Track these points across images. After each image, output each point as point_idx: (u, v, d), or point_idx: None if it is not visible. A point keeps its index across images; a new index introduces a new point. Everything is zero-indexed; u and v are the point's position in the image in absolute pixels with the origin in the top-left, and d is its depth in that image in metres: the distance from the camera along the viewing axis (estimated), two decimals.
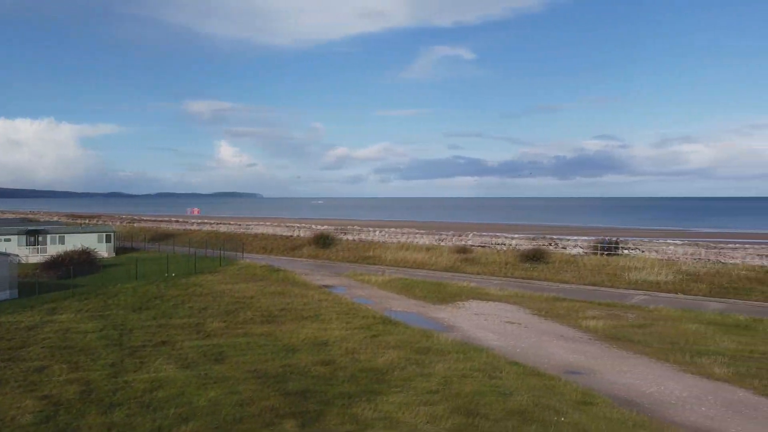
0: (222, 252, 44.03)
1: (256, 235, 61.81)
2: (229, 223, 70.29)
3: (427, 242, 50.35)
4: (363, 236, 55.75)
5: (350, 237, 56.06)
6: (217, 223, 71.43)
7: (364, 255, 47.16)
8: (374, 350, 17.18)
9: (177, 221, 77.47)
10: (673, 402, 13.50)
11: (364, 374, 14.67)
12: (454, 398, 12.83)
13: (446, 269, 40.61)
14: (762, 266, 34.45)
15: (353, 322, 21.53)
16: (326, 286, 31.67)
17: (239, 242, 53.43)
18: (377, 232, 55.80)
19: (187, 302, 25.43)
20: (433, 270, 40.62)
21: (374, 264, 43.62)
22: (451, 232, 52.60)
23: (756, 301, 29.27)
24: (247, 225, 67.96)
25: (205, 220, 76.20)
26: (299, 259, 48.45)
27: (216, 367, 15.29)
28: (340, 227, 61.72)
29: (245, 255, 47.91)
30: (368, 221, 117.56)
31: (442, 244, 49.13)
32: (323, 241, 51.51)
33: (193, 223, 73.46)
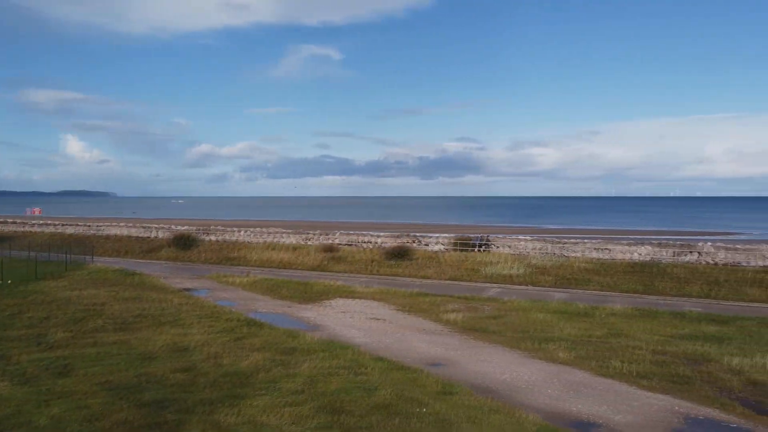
0: (68, 256, 40.38)
1: (108, 237, 57.51)
2: (77, 224, 64.65)
3: (293, 242, 49.90)
4: (227, 236, 53.99)
5: (213, 237, 54.04)
6: (63, 225, 65.42)
7: (229, 256, 45.70)
8: (238, 353, 16.67)
9: (14, 222, 69.82)
10: (524, 386, 14.53)
11: (227, 379, 14.18)
12: (319, 397, 12.81)
13: (313, 268, 40.53)
14: (598, 259, 38.19)
15: (216, 325, 20.75)
16: (187, 290, 30.24)
17: (89, 245, 49.37)
18: (242, 232, 54.30)
19: (26, 312, 22.97)
20: (300, 269, 40.36)
21: (239, 265, 42.43)
22: (318, 231, 52.56)
23: (593, 290, 32.41)
24: (98, 226, 62.94)
25: (48, 221, 69.42)
26: (157, 261, 45.83)
27: (60, 381, 13.96)
28: (202, 227, 59.23)
29: (96, 259, 44.40)
30: (233, 221, 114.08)
31: (309, 243, 48.96)
32: (184, 242, 49.16)
33: (33, 225, 66.65)
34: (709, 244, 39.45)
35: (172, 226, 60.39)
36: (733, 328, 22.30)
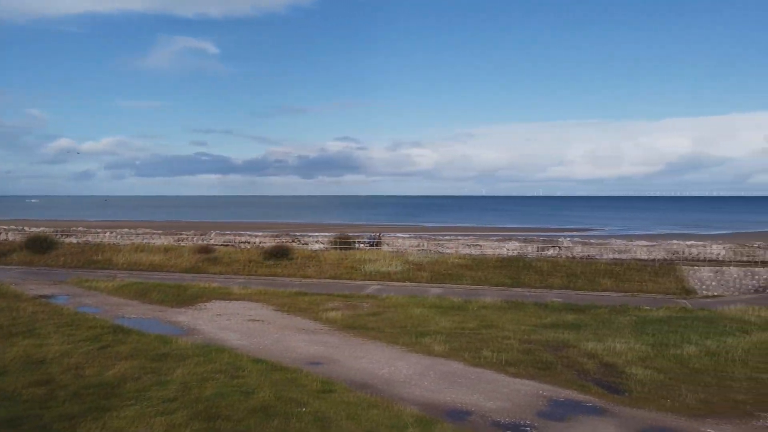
0: None
1: None
2: None
3: (166, 243, 47.45)
4: (90, 238, 50.19)
5: (75, 239, 50.00)
6: None
7: (92, 259, 42.53)
8: (103, 363, 15.53)
9: None
10: (402, 380, 14.88)
11: (90, 391, 13.15)
12: (194, 403, 12.27)
13: (187, 270, 38.82)
14: (470, 254, 40.06)
15: (77, 334, 19.17)
16: (44, 296, 27.71)
17: None
18: (107, 234, 50.75)
19: None
20: (173, 272, 38.49)
21: (104, 268, 39.63)
22: (192, 232, 50.39)
23: (466, 284, 33.97)
24: None
25: None
26: (8, 267, 41.59)
27: None
28: (61, 229, 54.59)
29: None
30: (97, 222, 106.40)
31: (183, 244, 46.82)
32: (40, 244, 45.00)
33: None
34: (568, 239, 42.84)
35: (26, 228, 55.12)
36: (588, 315, 24.34)
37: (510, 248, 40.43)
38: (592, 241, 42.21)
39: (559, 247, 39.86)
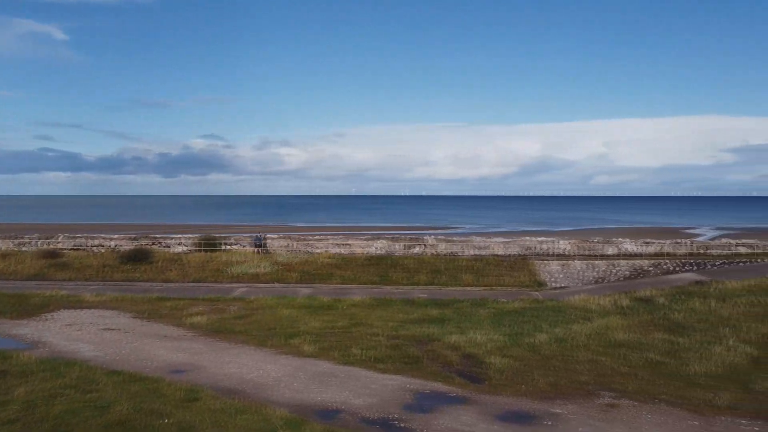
0: None
1: None
2: None
3: (4, 248, 42.76)
4: None
5: None
6: None
7: None
8: None
9: None
10: (271, 383, 14.63)
11: None
12: (39, 423, 11.18)
13: (30, 278, 35.31)
14: (339, 254, 40.36)
15: None
16: None
17: None
18: None
19: None
20: (13, 280, 34.81)
21: None
22: (36, 235, 45.83)
23: (336, 283, 34.18)
24: None
25: None
26: None
27: None
28: None
29: None
30: None
31: (25, 249, 42.47)
32: None
33: None
34: (433, 237, 44.65)
35: None
36: (451, 310, 25.52)
37: (378, 247, 41.30)
38: (454, 238, 44.33)
39: (425, 245, 41.39)
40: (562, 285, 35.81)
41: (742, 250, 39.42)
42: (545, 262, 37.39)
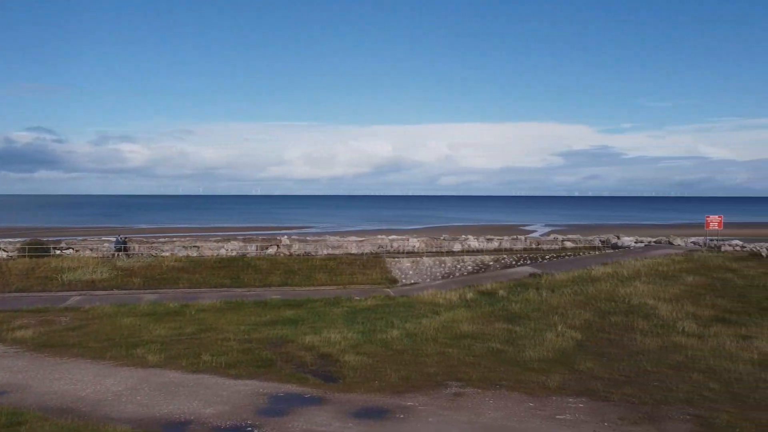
0: None
1: None
2: None
3: None
4: None
5: None
6: None
7: None
8: None
9: None
10: (111, 398, 13.51)
11: None
12: None
13: None
14: (187, 256, 38.46)
15: None
16: None
17: None
18: None
19: None
20: None
21: None
22: None
23: (184, 288, 32.52)
24: None
25: None
26: None
27: None
28: None
29: None
30: None
31: None
32: None
33: None
34: (287, 237, 44.18)
35: None
36: (305, 310, 25.41)
37: (230, 248, 39.97)
38: (308, 238, 44.24)
39: (278, 245, 40.81)
40: (413, 281, 37.23)
41: (569, 244, 43.74)
42: (397, 259, 38.62)
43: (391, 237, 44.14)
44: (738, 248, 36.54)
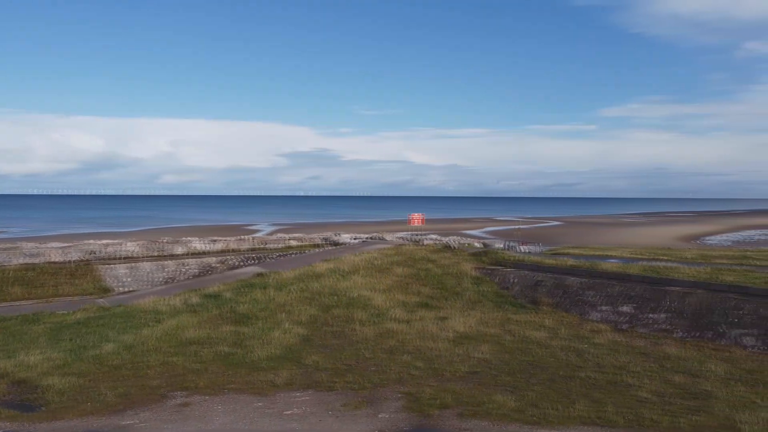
0: None
1: None
2: None
3: None
4: None
5: None
6: None
7: None
8: None
9: None
10: None
11: None
12: None
13: None
14: None
15: None
16: None
17: None
18: None
19: None
20: None
21: None
22: None
23: None
24: None
25: None
26: None
27: None
28: None
29: None
30: None
31: None
32: None
33: None
34: None
35: None
36: None
37: None
38: None
39: None
40: (131, 289, 34.31)
41: (293, 243, 45.17)
42: (111, 266, 35.17)
43: (104, 241, 39.99)
44: (436, 242, 42.11)
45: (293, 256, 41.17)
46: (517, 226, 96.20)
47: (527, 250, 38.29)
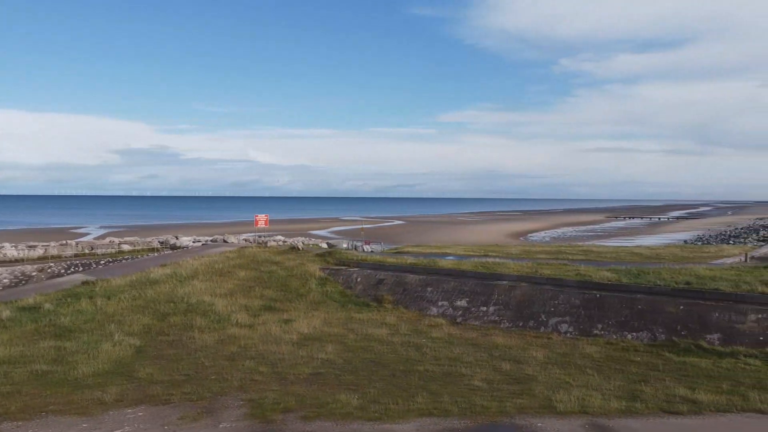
0: None
1: None
2: None
3: None
4: None
5: None
6: None
7: None
8: None
9: None
10: None
11: None
12: None
13: None
14: None
15: None
16: None
17: None
18: None
19: None
20: None
21: None
22: None
23: None
24: None
25: None
26: None
27: None
28: None
29: None
30: None
31: None
32: None
33: None
34: None
35: None
36: None
37: None
38: None
39: None
40: None
41: (126, 247, 42.03)
42: None
43: None
44: (281, 243, 41.64)
45: (126, 261, 38.40)
46: (361, 226, 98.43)
47: (371, 250, 39.33)
